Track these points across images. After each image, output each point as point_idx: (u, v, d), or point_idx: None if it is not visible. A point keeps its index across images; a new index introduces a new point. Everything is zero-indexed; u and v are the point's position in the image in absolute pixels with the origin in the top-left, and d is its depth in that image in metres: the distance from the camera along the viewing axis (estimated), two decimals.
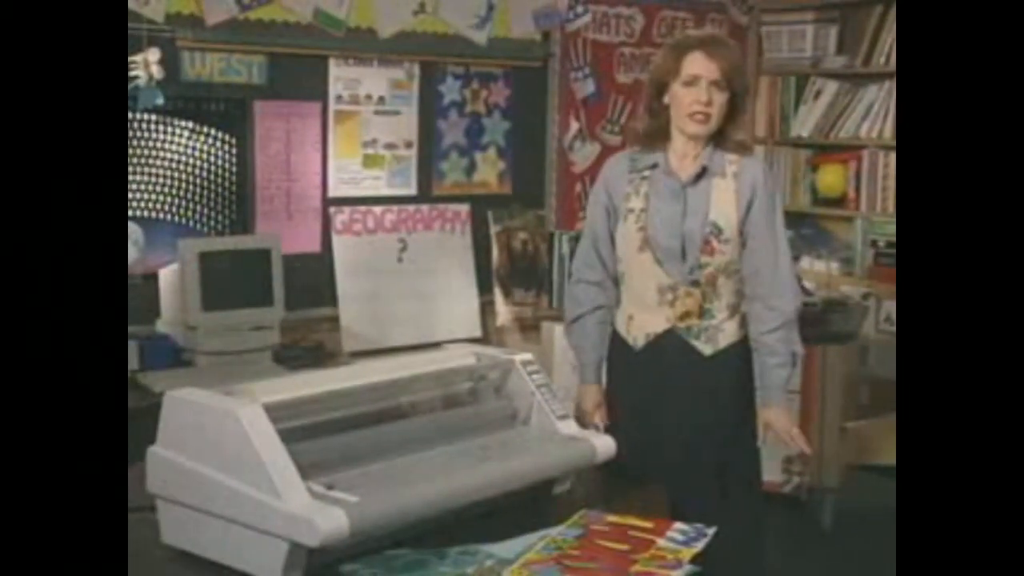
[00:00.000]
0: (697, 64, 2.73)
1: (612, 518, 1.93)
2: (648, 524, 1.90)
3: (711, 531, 1.86)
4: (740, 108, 2.82)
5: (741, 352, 2.84)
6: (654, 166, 2.83)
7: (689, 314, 2.80)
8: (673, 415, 2.81)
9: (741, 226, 2.78)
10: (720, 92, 2.74)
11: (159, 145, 3.82)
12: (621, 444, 2.17)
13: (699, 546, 1.81)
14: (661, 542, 1.82)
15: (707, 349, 2.82)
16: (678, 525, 1.89)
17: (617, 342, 2.90)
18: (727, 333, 2.82)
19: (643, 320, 2.85)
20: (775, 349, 2.80)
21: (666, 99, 2.80)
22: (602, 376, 2.94)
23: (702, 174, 2.79)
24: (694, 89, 2.73)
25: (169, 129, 3.83)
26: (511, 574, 1.71)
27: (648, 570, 1.72)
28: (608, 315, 2.91)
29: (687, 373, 2.81)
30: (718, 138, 2.80)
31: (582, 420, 2.82)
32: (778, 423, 2.84)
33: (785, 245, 2.84)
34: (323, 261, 4.21)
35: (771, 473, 3.78)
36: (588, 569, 1.73)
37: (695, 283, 2.78)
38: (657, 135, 2.84)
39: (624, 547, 1.81)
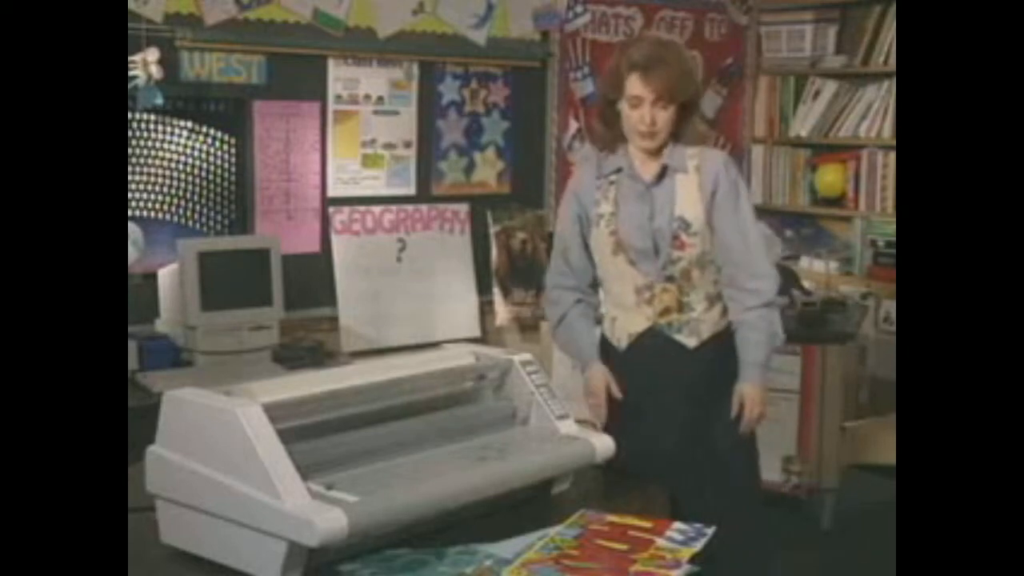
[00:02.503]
0: (637, 87, 2.75)
1: (611, 518, 1.93)
2: (647, 524, 1.90)
3: (710, 531, 1.86)
4: (692, 110, 2.84)
5: (726, 341, 2.85)
6: (619, 170, 2.85)
7: (668, 310, 2.82)
8: (664, 411, 2.81)
9: (708, 217, 2.80)
10: (664, 109, 2.76)
11: (159, 145, 3.82)
12: (617, 445, 2.17)
13: (698, 546, 1.81)
14: (660, 542, 1.82)
15: (691, 341, 2.83)
16: (677, 525, 1.89)
17: (604, 345, 2.92)
18: (709, 324, 2.84)
19: (625, 321, 2.87)
20: (755, 325, 2.81)
21: (619, 107, 2.82)
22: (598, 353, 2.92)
23: (664, 172, 2.81)
24: (637, 110, 2.76)
25: (168, 129, 3.83)
26: (510, 574, 1.71)
27: (647, 570, 1.72)
28: (589, 308, 2.94)
29: (673, 368, 2.82)
30: (676, 134, 2.82)
31: (597, 406, 2.83)
32: (749, 398, 2.82)
33: (755, 230, 2.85)
34: (322, 261, 4.21)
35: (771, 473, 3.78)
36: (587, 569, 1.73)
37: (670, 279, 2.81)
38: (615, 141, 2.88)
39: (623, 547, 1.81)
